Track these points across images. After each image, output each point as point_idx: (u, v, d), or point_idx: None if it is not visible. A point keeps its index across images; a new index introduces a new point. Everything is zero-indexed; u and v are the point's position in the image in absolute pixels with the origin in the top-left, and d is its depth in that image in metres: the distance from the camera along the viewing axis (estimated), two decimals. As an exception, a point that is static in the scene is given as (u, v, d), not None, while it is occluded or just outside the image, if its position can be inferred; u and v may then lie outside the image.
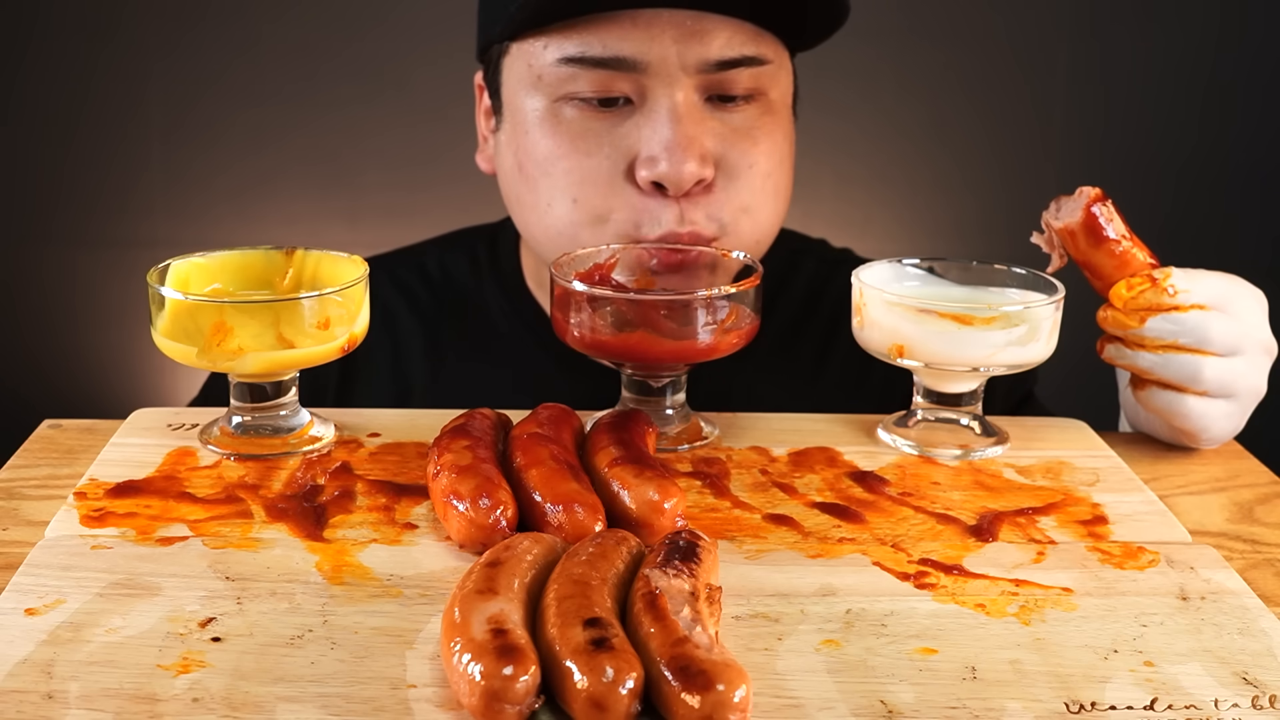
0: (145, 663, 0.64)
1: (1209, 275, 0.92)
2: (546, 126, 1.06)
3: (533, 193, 1.08)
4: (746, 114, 1.06)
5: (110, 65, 2.24)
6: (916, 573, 0.75)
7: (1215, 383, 0.92)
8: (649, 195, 1.03)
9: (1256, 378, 0.93)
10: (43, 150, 2.29)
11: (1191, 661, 0.66)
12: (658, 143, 1.02)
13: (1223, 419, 0.94)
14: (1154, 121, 2.33)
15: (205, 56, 2.25)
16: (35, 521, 0.80)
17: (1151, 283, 0.91)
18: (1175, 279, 0.91)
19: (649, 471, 0.78)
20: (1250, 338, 0.92)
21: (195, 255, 0.92)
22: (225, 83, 2.26)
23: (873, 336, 0.92)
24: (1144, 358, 0.93)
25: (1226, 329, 0.91)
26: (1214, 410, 0.93)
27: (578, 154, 1.05)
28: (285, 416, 0.91)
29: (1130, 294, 0.92)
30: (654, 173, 1.02)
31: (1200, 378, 0.91)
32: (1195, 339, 0.91)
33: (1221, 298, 0.92)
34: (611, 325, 0.90)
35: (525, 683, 0.57)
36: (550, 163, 1.06)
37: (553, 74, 1.04)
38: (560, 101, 1.05)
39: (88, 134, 2.28)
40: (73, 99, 2.25)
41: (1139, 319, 0.92)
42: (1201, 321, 0.91)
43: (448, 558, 0.75)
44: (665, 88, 1.02)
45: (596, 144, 1.05)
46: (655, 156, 1.02)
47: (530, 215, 1.10)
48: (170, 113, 2.28)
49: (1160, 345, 0.92)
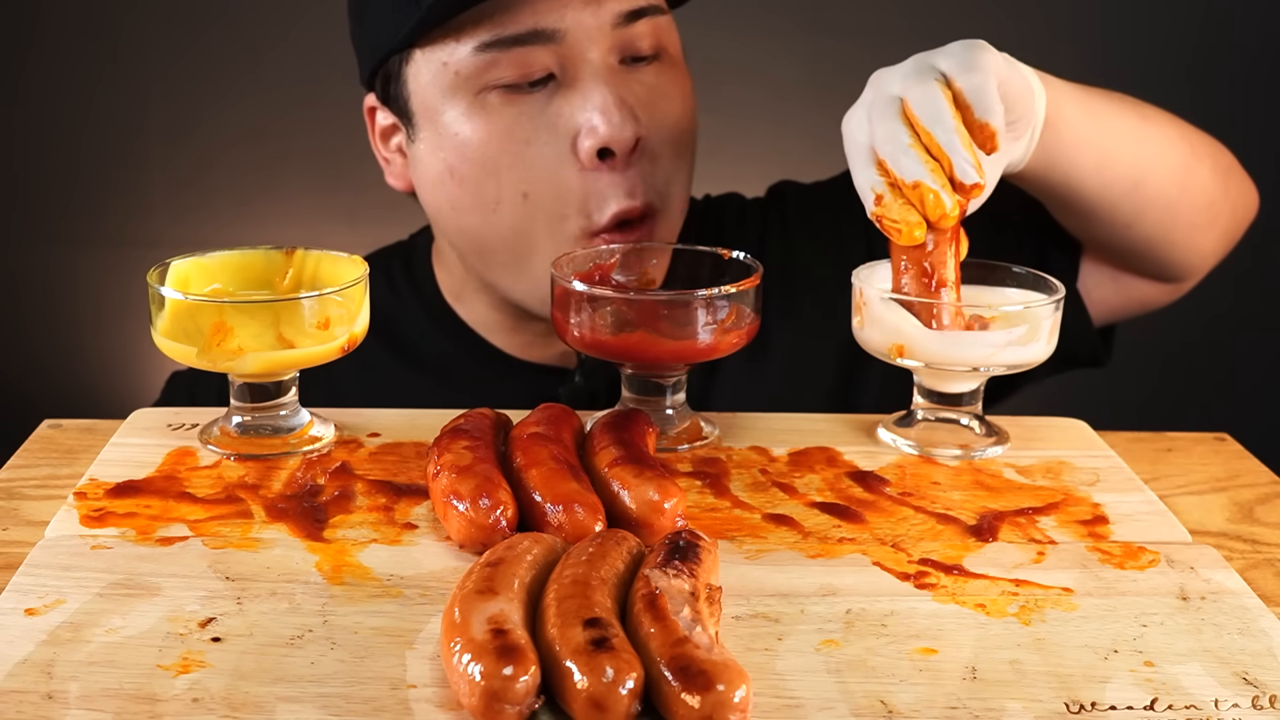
0: (145, 663, 0.64)
1: (902, 149, 0.85)
2: (476, 122, 1.05)
3: (474, 195, 1.07)
4: (656, 72, 1.08)
5: (111, 65, 2.24)
6: (916, 573, 0.75)
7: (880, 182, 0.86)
8: (596, 170, 1.04)
9: (861, 134, 0.88)
10: (43, 150, 2.29)
11: (1191, 661, 0.66)
12: (593, 108, 1.03)
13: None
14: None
15: (205, 56, 2.25)
16: (35, 521, 0.81)
17: (961, 208, 0.84)
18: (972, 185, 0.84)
19: (649, 471, 0.78)
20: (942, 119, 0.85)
21: (195, 255, 0.92)
22: (225, 83, 2.26)
23: (873, 336, 0.92)
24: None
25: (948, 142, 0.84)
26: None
27: (517, 143, 1.04)
28: (285, 416, 0.91)
29: (956, 213, 0.85)
30: (597, 139, 1.02)
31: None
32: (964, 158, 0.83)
33: (893, 146, 0.85)
34: (611, 325, 0.90)
35: (525, 683, 0.57)
36: (491, 159, 1.05)
37: (471, 65, 1.04)
38: (484, 93, 1.04)
39: (88, 134, 2.28)
40: (73, 99, 2.25)
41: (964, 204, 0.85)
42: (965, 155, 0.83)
43: (448, 558, 0.75)
44: (586, 53, 1.03)
45: (533, 129, 1.04)
46: (595, 125, 1.02)
47: (472, 219, 1.08)
48: (170, 113, 2.28)
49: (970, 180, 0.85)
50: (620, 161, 1.04)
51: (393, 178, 1.18)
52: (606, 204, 1.05)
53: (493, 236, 1.09)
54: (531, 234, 1.06)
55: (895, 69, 0.88)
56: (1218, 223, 1.10)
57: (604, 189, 1.05)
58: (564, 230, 1.06)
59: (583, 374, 1.18)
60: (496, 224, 1.07)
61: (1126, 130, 1.03)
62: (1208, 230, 1.09)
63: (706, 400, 1.17)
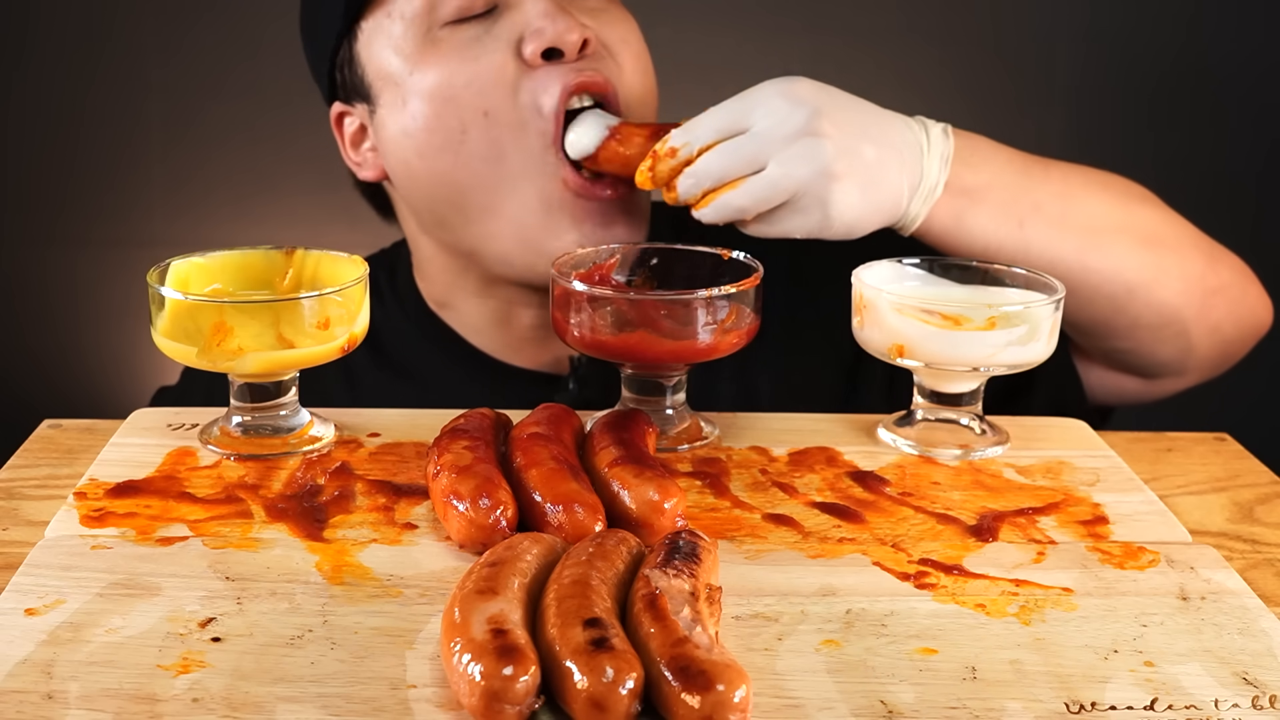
0: (145, 663, 0.64)
1: (711, 111, 0.94)
2: (428, 57, 1.07)
3: (440, 131, 1.07)
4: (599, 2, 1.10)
5: (110, 65, 2.24)
6: (916, 573, 0.75)
7: (756, 203, 0.92)
8: (542, 67, 1.05)
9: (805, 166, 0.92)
10: (43, 150, 2.29)
11: (1191, 661, 0.66)
12: (536, 14, 1.04)
13: (796, 218, 0.94)
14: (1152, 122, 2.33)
15: (205, 56, 2.25)
16: (35, 521, 0.81)
17: (653, 156, 0.93)
18: (671, 139, 0.93)
19: (649, 471, 0.78)
20: (771, 141, 0.92)
21: (195, 255, 0.92)
22: (225, 83, 2.26)
23: (873, 336, 0.92)
24: (703, 214, 0.94)
25: (739, 151, 0.92)
26: (782, 217, 0.94)
27: (468, 63, 1.06)
28: (285, 416, 0.91)
29: (649, 174, 0.94)
30: (542, 40, 1.03)
31: (742, 208, 0.93)
32: (714, 179, 0.92)
33: (727, 125, 0.93)
34: (611, 325, 0.90)
35: (525, 683, 0.57)
36: (448, 85, 1.06)
37: (412, 8, 1.06)
38: (431, 32, 1.07)
39: (88, 134, 2.27)
40: (73, 99, 2.25)
41: (672, 188, 0.93)
42: (709, 161, 0.92)
43: (448, 558, 0.75)
44: None
45: (480, 48, 1.06)
46: (540, 27, 1.04)
47: (442, 160, 1.08)
48: (170, 113, 2.28)
49: (699, 199, 0.93)
50: (569, 55, 1.05)
51: (365, 172, 1.19)
52: (554, 87, 1.05)
53: (465, 173, 1.08)
54: (499, 147, 1.06)
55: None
56: (1186, 337, 1.08)
57: (551, 77, 1.05)
58: (527, 138, 1.06)
59: (576, 381, 1.17)
60: (467, 156, 1.07)
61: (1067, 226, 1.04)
62: (1169, 339, 1.08)
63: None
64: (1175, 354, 1.09)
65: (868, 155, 0.95)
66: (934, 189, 0.99)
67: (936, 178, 0.99)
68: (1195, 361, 1.10)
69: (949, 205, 1.00)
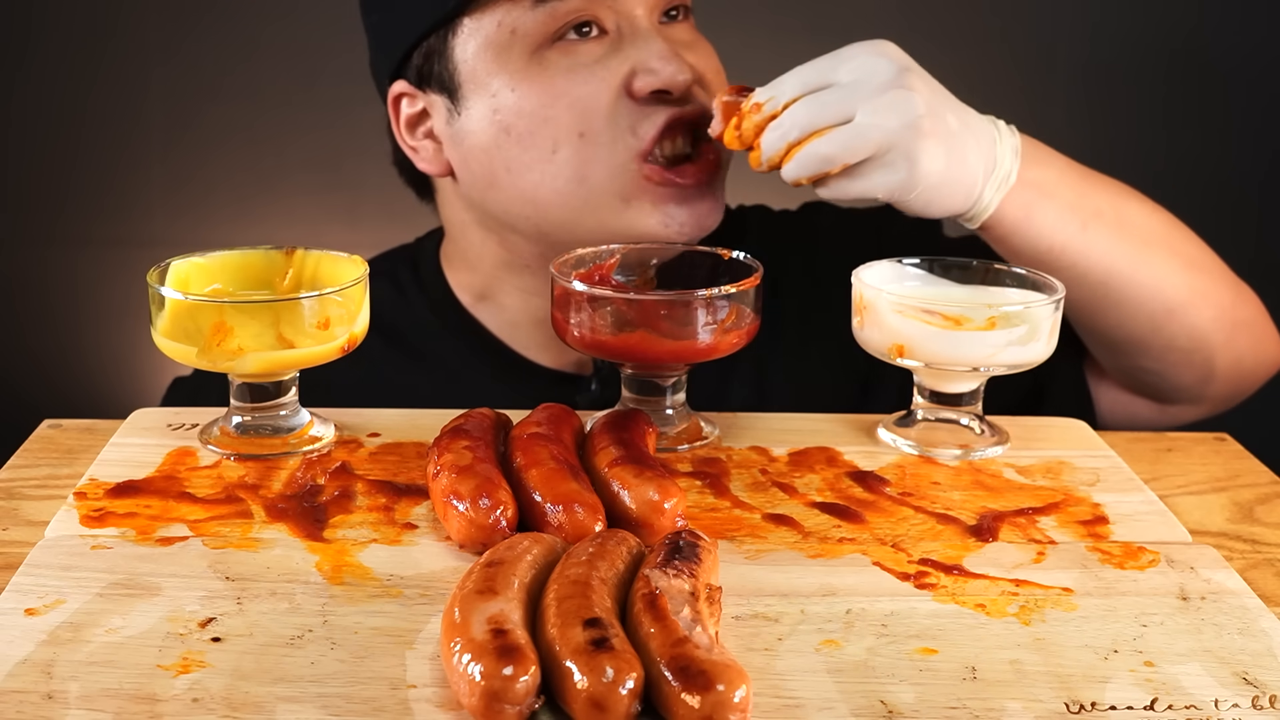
0: (145, 663, 0.64)
1: (796, 69, 0.95)
2: (533, 77, 1.06)
3: (532, 147, 1.07)
4: (685, 29, 1.12)
5: (110, 65, 2.24)
6: (916, 573, 0.75)
7: (843, 152, 0.92)
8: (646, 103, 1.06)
9: (894, 117, 0.92)
10: (43, 150, 2.29)
11: (1191, 661, 0.66)
12: (652, 54, 1.05)
13: (882, 173, 0.94)
14: (1153, 122, 2.33)
15: (205, 56, 2.25)
16: (35, 521, 0.81)
17: (737, 110, 0.94)
18: (757, 93, 0.94)
19: (649, 471, 0.78)
20: (860, 92, 0.92)
21: (195, 255, 0.92)
22: (225, 83, 2.26)
23: (873, 336, 0.92)
24: (786, 170, 0.94)
25: (825, 102, 0.92)
26: (867, 172, 0.94)
27: (575, 86, 1.06)
28: (285, 416, 0.91)
29: (734, 132, 0.95)
30: (657, 80, 1.04)
31: (828, 156, 0.93)
32: (800, 129, 0.92)
33: (814, 79, 0.93)
34: (611, 325, 0.90)
35: (525, 683, 0.57)
36: (548, 106, 1.06)
37: (532, 20, 1.06)
38: (540, 50, 1.06)
39: (88, 134, 2.27)
40: (73, 99, 2.25)
41: (756, 146, 0.94)
42: (795, 113, 0.93)
43: (448, 558, 0.75)
44: (638, 7, 1.07)
45: (589, 74, 1.06)
46: (654, 68, 1.05)
47: (530, 176, 1.08)
48: (170, 113, 2.28)
49: (783, 154, 0.93)
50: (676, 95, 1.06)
51: (424, 163, 1.17)
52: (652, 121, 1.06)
53: (549, 189, 1.08)
54: (588, 167, 1.07)
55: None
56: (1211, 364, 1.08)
57: (655, 112, 1.06)
58: (616, 155, 1.06)
59: (599, 381, 1.17)
60: (555, 172, 1.07)
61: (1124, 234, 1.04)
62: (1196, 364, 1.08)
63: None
64: (1197, 381, 1.09)
65: (951, 124, 0.95)
66: (1007, 177, 0.98)
67: (1010, 167, 0.98)
68: (1213, 391, 1.11)
69: (1020, 197, 0.99)
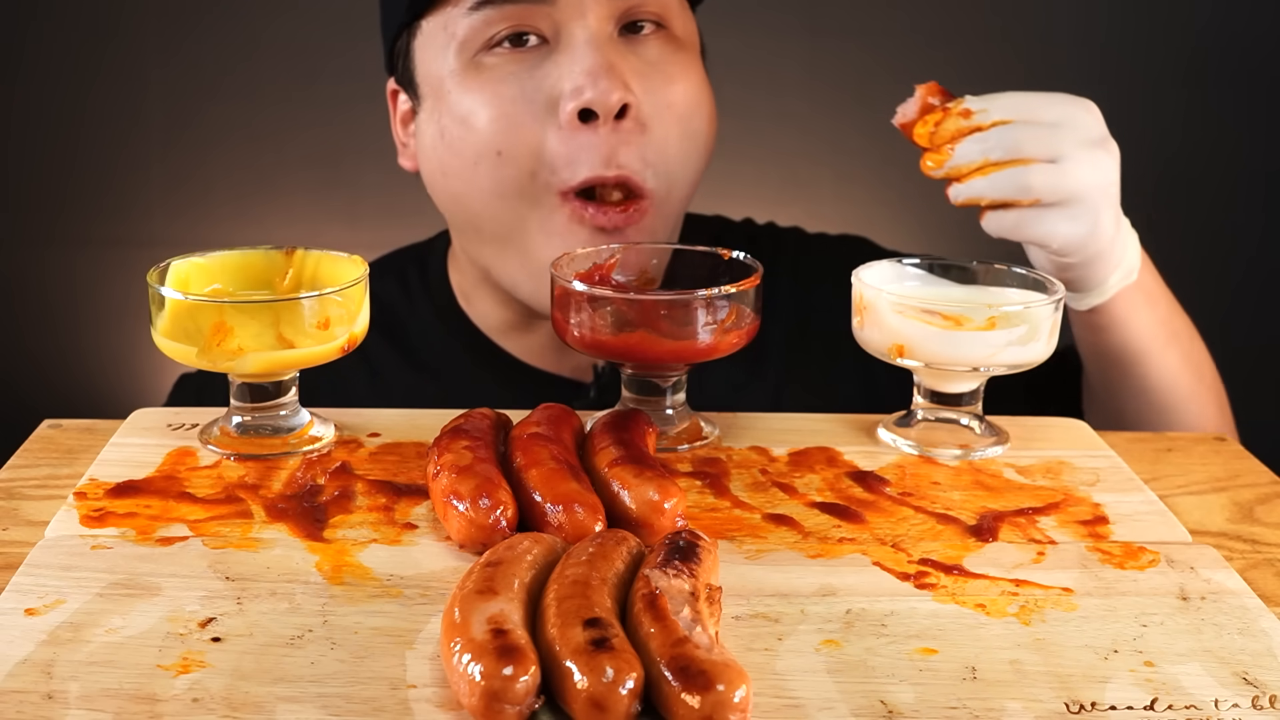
0: (145, 663, 0.64)
1: (1010, 93, 0.94)
2: (467, 81, 1.05)
3: (458, 156, 1.06)
4: (656, 47, 1.07)
5: (110, 65, 2.24)
6: (916, 573, 0.75)
7: (1044, 188, 0.92)
8: (573, 132, 1.02)
9: (1095, 174, 0.92)
10: (43, 150, 2.29)
11: (1191, 661, 0.66)
12: (580, 71, 1.01)
13: (1064, 223, 0.93)
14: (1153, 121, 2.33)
15: (205, 56, 2.25)
16: (35, 521, 0.80)
17: (945, 111, 0.93)
18: (968, 101, 0.93)
19: (649, 471, 0.78)
20: (1070, 139, 0.92)
21: (195, 255, 0.92)
22: (225, 83, 2.26)
23: (873, 336, 0.92)
24: (974, 184, 0.94)
25: (1036, 134, 0.91)
26: (1051, 216, 0.93)
27: (500, 100, 1.04)
28: (285, 416, 0.91)
29: (929, 129, 0.94)
30: (580, 100, 1.00)
31: (1029, 185, 0.92)
32: (1005, 150, 0.92)
33: (1026, 110, 0.92)
34: (611, 325, 0.90)
35: (525, 683, 0.57)
36: (473, 115, 1.05)
37: (467, 25, 1.04)
38: (479, 54, 1.05)
39: (88, 134, 2.28)
40: (72, 98, 2.25)
41: (949, 150, 0.93)
42: (1007, 132, 0.92)
43: (448, 558, 0.75)
44: (579, 18, 1.03)
45: (518, 87, 1.04)
46: (580, 85, 1.01)
47: (457, 185, 1.07)
48: (170, 113, 2.28)
49: (977, 168, 0.93)
50: (602, 125, 1.02)
51: (404, 159, 1.18)
52: (579, 165, 1.02)
53: (476, 200, 1.07)
54: (506, 196, 1.05)
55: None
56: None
57: (578, 150, 1.02)
58: (534, 188, 1.04)
59: (598, 389, 1.17)
60: (477, 187, 1.06)
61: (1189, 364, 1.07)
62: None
63: None
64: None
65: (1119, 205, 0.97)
66: (1131, 271, 1.00)
67: (1134, 263, 1.00)
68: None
69: (1131, 294, 1.01)
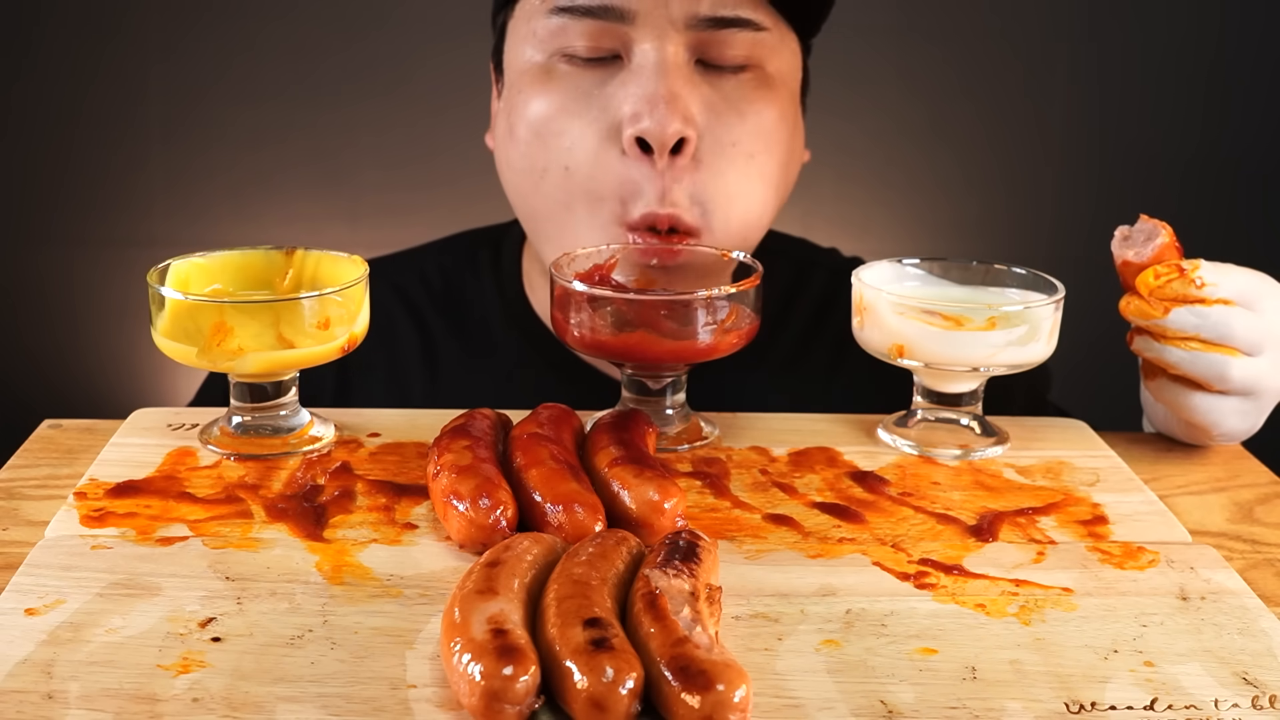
0: (145, 663, 0.64)
1: (1238, 270, 0.90)
2: (538, 83, 1.05)
3: (525, 159, 1.06)
4: (739, 85, 1.03)
5: (110, 65, 2.24)
6: (916, 573, 0.75)
7: (1240, 382, 0.90)
8: (634, 160, 1.01)
9: (1278, 377, 0.92)
10: (43, 150, 2.29)
11: (1191, 661, 0.66)
12: (641, 96, 0.99)
13: (1235, 416, 0.93)
14: (1154, 121, 2.33)
15: (205, 56, 2.25)
16: (35, 521, 0.80)
17: (1179, 272, 0.89)
18: (1203, 270, 0.89)
19: (649, 471, 0.78)
20: (1274, 336, 0.90)
21: (195, 255, 0.92)
22: (225, 83, 2.26)
23: (873, 336, 0.92)
24: (1172, 352, 0.91)
25: (1251, 325, 0.89)
26: (1227, 406, 0.92)
27: (568, 116, 1.03)
28: (285, 416, 0.91)
29: (1157, 282, 0.90)
30: (636, 128, 0.99)
31: (1227, 376, 0.90)
32: (1218, 334, 0.89)
33: (1248, 294, 0.90)
34: (611, 325, 0.90)
35: (525, 683, 0.57)
36: (541, 123, 1.04)
37: (545, 27, 1.04)
38: (553, 58, 1.04)
39: (88, 134, 2.28)
40: (72, 99, 2.25)
41: (1163, 309, 0.90)
42: (1226, 317, 0.89)
43: (448, 558, 0.75)
44: (652, 40, 1.00)
45: (585, 104, 1.03)
46: (638, 111, 0.99)
47: (524, 182, 1.07)
48: (170, 112, 2.28)
49: (1182, 338, 0.90)
50: (659, 159, 1.00)
51: (489, 136, 1.17)
52: (638, 198, 1.01)
53: (540, 205, 1.07)
54: (572, 210, 1.04)
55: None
56: None
57: (639, 180, 1.01)
58: (601, 213, 1.03)
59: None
60: (542, 194, 1.06)
61: None
62: None
63: None
64: None
65: None
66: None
67: None
68: None
69: None
